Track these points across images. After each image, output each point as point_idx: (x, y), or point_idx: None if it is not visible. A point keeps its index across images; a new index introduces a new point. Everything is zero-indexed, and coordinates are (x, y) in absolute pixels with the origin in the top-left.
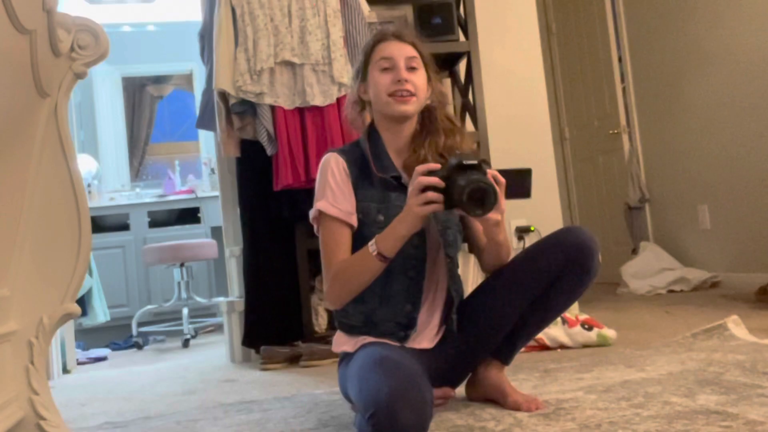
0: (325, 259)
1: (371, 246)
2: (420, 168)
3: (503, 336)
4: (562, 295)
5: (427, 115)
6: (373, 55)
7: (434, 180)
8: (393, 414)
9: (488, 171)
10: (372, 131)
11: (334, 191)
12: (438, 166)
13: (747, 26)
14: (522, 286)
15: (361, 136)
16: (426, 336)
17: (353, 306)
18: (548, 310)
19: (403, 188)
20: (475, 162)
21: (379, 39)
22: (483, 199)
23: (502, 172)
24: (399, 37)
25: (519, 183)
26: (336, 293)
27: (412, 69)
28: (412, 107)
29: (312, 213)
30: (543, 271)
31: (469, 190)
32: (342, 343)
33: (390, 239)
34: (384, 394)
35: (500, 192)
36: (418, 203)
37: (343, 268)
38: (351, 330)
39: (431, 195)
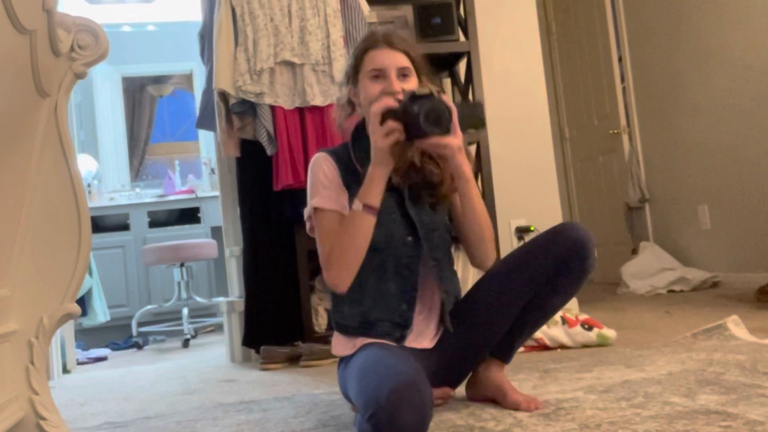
0: (322, 248)
1: (355, 204)
2: (376, 106)
3: (502, 334)
4: (560, 292)
5: None
6: (364, 62)
7: (389, 102)
8: (393, 414)
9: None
10: (359, 134)
11: (327, 187)
12: (394, 102)
13: (747, 26)
14: (519, 284)
15: (348, 139)
16: (426, 336)
17: (349, 307)
18: (546, 307)
19: (392, 189)
20: (426, 92)
21: (370, 45)
22: (438, 118)
23: (455, 105)
24: (390, 44)
25: (472, 113)
26: (336, 268)
27: (403, 77)
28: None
29: (306, 212)
30: (540, 268)
31: (425, 110)
32: (340, 345)
33: (369, 188)
34: (384, 394)
35: (454, 117)
36: (381, 136)
37: (336, 240)
38: (347, 331)
39: (391, 124)
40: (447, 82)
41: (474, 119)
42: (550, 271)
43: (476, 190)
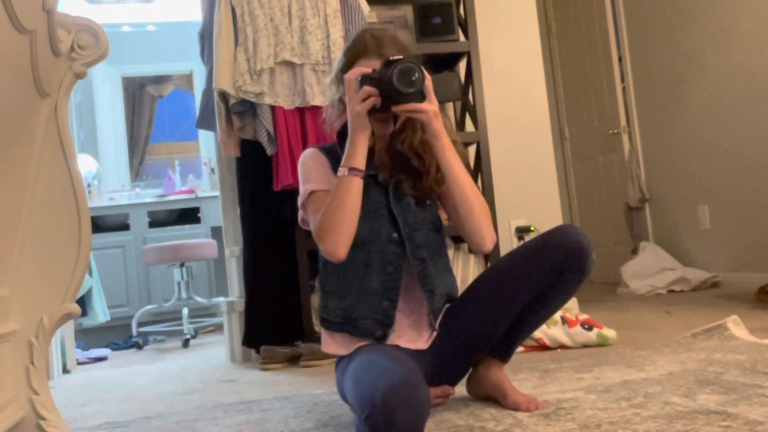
0: (314, 222)
1: (341, 170)
2: (350, 73)
3: (499, 335)
4: (558, 295)
5: None
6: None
7: (362, 69)
8: (389, 414)
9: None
10: (346, 132)
11: (318, 171)
12: (368, 69)
13: (747, 26)
14: (516, 287)
15: (336, 137)
16: (421, 337)
17: (333, 301)
18: (544, 309)
19: (380, 186)
20: (400, 57)
21: (360, 53)
22: (411, 78)
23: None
24: (381, 55)
25: (447, 84)
26: (328, 234)
27: None
28: (392, 126)
29: (300, 199)
30: (538, 272)
31: (397, 70)
32: (330, 342)
33: (352, 152)
34: (379, 394)
35: (429, 85)
36: (358, 101)
37: (327, 207)
38: (330, 326)
39: (367, 89)
40: None
41: (450, 91)
42: (548, 274)
43: (457, 158)
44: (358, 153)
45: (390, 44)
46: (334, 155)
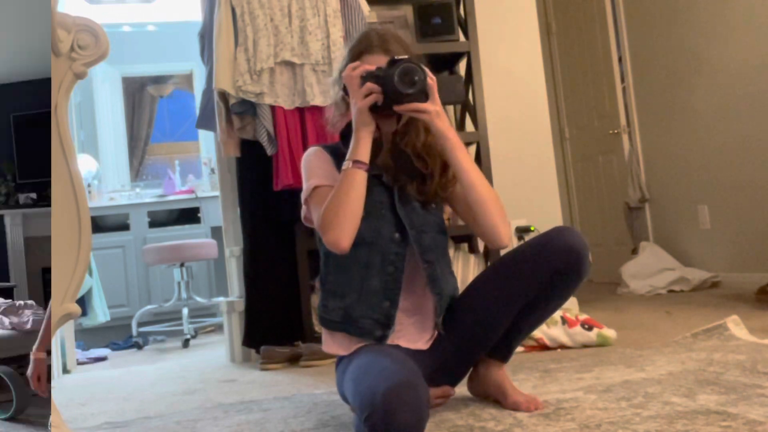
0: (317, 215)
1: (345, 164)
2: (355, 70)
3: (498, 337)
4: (555, 297)
5: None
6: None
7: (365, 66)
8: (389, 414)
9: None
10: (350, 131)
11: (321, 167)
12: (372, 67)
13: (746, 27)
14: (513, 290)
15: (339, 137)
16: (422, 337)
17: (333, 301)
18: (542, 310)
19: (384, 186)
20: (405, 57)
21: (366, 49)
22: (413, 78)
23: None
24: (386, 50)
25: (451, 87)
26: (332, 225)
27: None
28: (396, 123)
29: (304, 194)
30: (534, 275)
31: (399, 70)
32: (330, 342)
33: (356, 147)
34: (379, 395)
35: (433, 86)
36: (360, 97)
37: (331, 200)
38: (330, 325)
39: (369, 85)
40: None
41: (453, 93)
42: (544, 278)
43: (467, 157)
44: (362, 147)
45: (394, 42)
46: (337, 154)
